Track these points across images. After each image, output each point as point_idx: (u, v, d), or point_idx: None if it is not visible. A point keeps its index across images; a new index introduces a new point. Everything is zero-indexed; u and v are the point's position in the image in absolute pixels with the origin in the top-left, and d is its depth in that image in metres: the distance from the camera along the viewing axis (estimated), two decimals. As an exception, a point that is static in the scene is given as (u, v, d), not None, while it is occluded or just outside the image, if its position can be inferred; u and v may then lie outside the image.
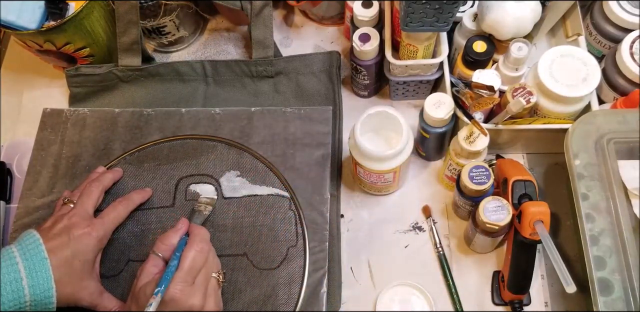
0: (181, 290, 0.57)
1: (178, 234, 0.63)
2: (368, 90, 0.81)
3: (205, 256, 0.61)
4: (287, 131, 0.75)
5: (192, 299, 0.58)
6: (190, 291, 0.58)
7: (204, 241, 0.62)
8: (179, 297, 0.57)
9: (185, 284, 0.58)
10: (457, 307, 0.69)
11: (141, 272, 0.60)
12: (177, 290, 0.57)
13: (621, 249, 0.59)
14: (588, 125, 0.64)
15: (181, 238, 0.62)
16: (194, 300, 0.58)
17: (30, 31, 0.72)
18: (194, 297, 0.58)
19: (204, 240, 0.62)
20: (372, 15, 0.74)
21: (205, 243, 0.62)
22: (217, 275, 0.62)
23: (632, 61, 0.68)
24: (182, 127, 0.77)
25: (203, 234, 0.63)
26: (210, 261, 0.62)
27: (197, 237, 0.62)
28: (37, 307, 0.57)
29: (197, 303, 0.58)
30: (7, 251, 0.57)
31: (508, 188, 0.64)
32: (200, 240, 0.61)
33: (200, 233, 0.63)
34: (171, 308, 0.57)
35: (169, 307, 0.57)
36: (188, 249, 0.60)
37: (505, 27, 0.68)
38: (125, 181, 0.73)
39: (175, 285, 0.57)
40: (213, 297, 0.60)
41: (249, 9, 0.77)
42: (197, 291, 0.58)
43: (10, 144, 0.82)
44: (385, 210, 0.76)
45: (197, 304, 0.58)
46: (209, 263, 0.61)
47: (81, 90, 0.81)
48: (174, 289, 0.57)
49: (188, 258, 0.59)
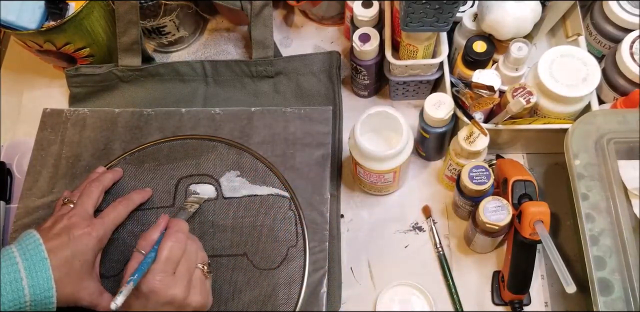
0: (160, 280, 0.56)
1: (158, 230, 0.62)
2: (368, 90, 0.81)
3: (182, 246, 0.60)
4: (287, 131, 0.75)
5: (173, 289, 0.57)
6: (170, 281, 0.57)
7: (180, 231, 0.61)
8: (159, 287, 0.56)
9: (164, 275, 0.57)
10: (457, 307, 0.69)
11: (126, 270, 0.59)
12: (156, 280, 0.56)
13: (621, 249, 0.58)
14: (588, 125, 0.64)
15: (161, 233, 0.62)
16: (175, 290, 0.57)
17: (30, 31, 0.72)
18: (175, 288, 0.57)
19: (180, 231, 0.61)
20: (372, 15, 0.74)
21: (182, 233, 0.61)
22: (202, 266, 0.61)
23: (632, 61, 0.68)
24: (182, 127, 0.77)
25: (180, 225, 0.62)
26: (192, 252, 0.61)
27: (174, 229, 0.61)
28: (37, 307, 0.57)
29: (179, 294, 0.57)
30: (7, 251, 0.57)
31: (508, 188, 0.64)
32: (176, 231, 0.61)
33: (176, 224, 0.62)
34: (152, 300, 0.56)
35: (151, 299, 0.56)
36: (164, 241, 0.59)
37: (505, 27, 0.68)
38: (125, 181, 0.73)
39: (154, 276, 0.56)
40: (198, 288, 0.60)
41: (249, 9, 0.77)
42: (179, 282, 0.58)
43: (10, 144, 0.82)
44: (385, 210, 0.76)
45: (179, 294, 0.57)
46: (190, 254, 0.60)
47: (81, 90, 0.81)
48: (152, 280, 0.56)
49: (165, 249, 0.58)
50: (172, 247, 0.59)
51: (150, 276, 0.57)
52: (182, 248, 0.60)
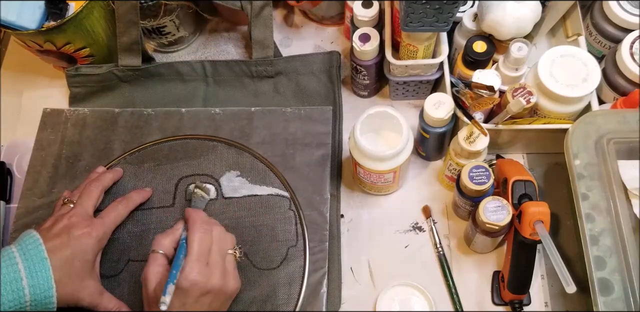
0: (198, 272, 0.57)
1: (177, 232, 0.62)
2: (368, 90, 0.81)
3: (210, 236, 0.60)
4: (287, 131, 0.75)
5: (212, 279, 0.57)
6: (207, 273, 0.58)
7: (204, 222, 0.61)
8: (198, 280, 0.56)
9: (200, 266, 0.57)
10: (457, 307, 0.69)
11: (147, 275, 0.59)
12: (194, 274, 0.56)
13: (621, 249, 0.58)
14: (588, 125, 0.64)
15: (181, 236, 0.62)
16: (213, 280, 0.58)
17: (30, 31, 0.72)
18: (213, 278, 0.58)
19: (203, 221, 0.61)
20: (372, 15, 0.74)
21: (206, 223, 0.61)
22: (233, 251, 0.62)
23: (632, 61, 0.68)
24: (182, 127, 0.77)
25: (200, 216, 0.62)
26: (221, 238, 0.61)
27: (196, 220, 0.61)
28: (37, 307, 0.57)
29: (216, 283, 0.58)
30: (7, 251, 0.57)
31: (508, 188, 0.64)
32: (200, 222, 0.61)
33: (197, 216, 0.62)
34: (192, 294, 0.56)
35: (190, 293, 0.56)
36: (191, 233, 0.59)
37: (505, 27, 0.68)
38: (125, 181, 0.73)
39: (191, 270, 0.57)
40: (232, 273, 0.60)
41: (249, 9, 0.77)
42: (215, 271, 0.58)
43: (10, 144, 0.82)
44: (385, 210, 0.76)
45: (217, 283, 0.58)
46: (219, 241, 0.61)
47: (81, 90, 0.81)
48: (191, 274, 0.56)
49: (194, 241, 0.59)
50: (201, 238, 0.59)
51: (188, 270, 0.57)
52: (210, 238, 0.60)
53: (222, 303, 0.60)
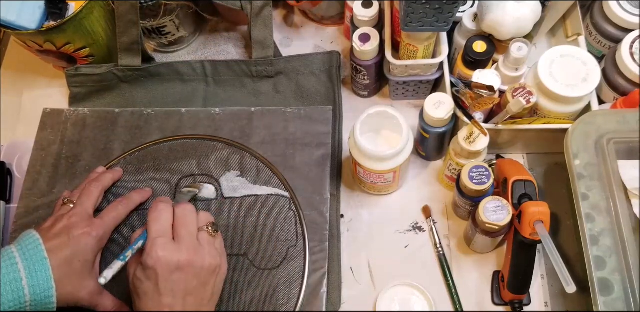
0: (162, 248, 0.56)
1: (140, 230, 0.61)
2: (368, 90, 0.81)
3: (168, 213, 0.60)
4: (287, 131, 0.75)
5: (178, 254, 0.56)
6: (172, 248, 0.57)
7: (159, 201, 0.61)
8: (162, 255, 0.56)
9: (163, 243, 0.57)
10: (457, 307, 0.69)
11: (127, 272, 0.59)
12: (156, 249, 0.56)
13: (621, 249, 0.58)
14: (588, 125, 0.64)
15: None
16: (180, 255, 0.56)
17: (30, 31, 0.72)
18: (180, 253, 0.57)
19: (159, 201, 0.61)
20: (372, 15, 0.74)
21: (162, 203, 0.61)
22: (206, 227, 0.61)
23: (632, 61, 0.68)
24: (182, 127, 0.77)
25: (161, 198, 0.62)
26: (186, 215, 0.60)
27: (153, 204, 0.61)
28: (37, 307, 0.57)
29: (184, 257, 0.57)
30: (6, 251, 0.57)
31: (508, 188, 0.64)
32: (155, 203, 0.61)
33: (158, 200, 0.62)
34: (161, 271, 0.56)
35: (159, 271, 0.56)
36: (148, 214, 0.60)
37: (505, 27, 0.68)
38: (125, 181, 0.73)
39: (152, 246, 0.56)
40: (207, 249, 0.59)
41: (249, 9, 0.77)
42: (182, 246, 0.57)
43: (10, 144, 0.82)
44: (385, 210, 0.76)
45: (185, 258, 0.57)
46: (184, 217, 0.60)
47: (81, 90, 0.81)
48: (152, 250, 0.56)
49: (150, 220, 0.59)
50: (156, 217, 0.59)
51: (149, 247, 0.57)
52: (168, 215, 0.60)
53: (202, 282, 0.58)
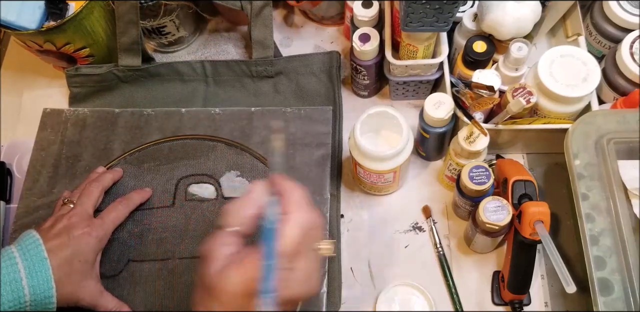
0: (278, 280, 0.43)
1: (251, 203, 0.46)
2: (368, 90, 0.81)
3: (308, 229, 0.45)
4: (287, 131, 0.75)
5: (291, 289, 0.44)
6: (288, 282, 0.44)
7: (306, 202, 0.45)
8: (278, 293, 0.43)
9: (284, 273, 0.43)
10: (457, 307, 0.69)
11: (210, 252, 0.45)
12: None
13: (621, 249, 0.58)
14: (588, 125, 0.64)
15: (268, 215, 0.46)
16: (292, 291, 0.44)
17: (30, 31, 0.72)
18: (293, 289, 0.44)
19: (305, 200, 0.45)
20: (372, 15, 0.74)
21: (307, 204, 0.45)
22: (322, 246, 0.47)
23: (632, 61, 0.68)
24: (182, 127, 0.77)
25: (301, 194, 0.46)
26: (314, 232, 0.45)
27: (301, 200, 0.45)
28: (37, 307, 0.57)
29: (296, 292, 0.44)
30: (6, 251, 0.57)
31: (508, 188, 0.64)
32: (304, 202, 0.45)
33: (296, 193, 0.46)
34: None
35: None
36: (286, 224, 0.44)
37: (505, 27, 0.68)
38: (125, 181, 0.73)
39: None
40: (315, 277, 0.46)
41: (249, 9, 0.77)
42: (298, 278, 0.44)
43: (10, 144, 0.82)
44: (385, 210, 0.76)
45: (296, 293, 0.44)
46: (313, 236, 0.45)
47: (81, 90, 0.81)
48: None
49: (287, 237, 0.43)
50: (295, 235, 0.44)
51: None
52: (306, 233, 0.45)
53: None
